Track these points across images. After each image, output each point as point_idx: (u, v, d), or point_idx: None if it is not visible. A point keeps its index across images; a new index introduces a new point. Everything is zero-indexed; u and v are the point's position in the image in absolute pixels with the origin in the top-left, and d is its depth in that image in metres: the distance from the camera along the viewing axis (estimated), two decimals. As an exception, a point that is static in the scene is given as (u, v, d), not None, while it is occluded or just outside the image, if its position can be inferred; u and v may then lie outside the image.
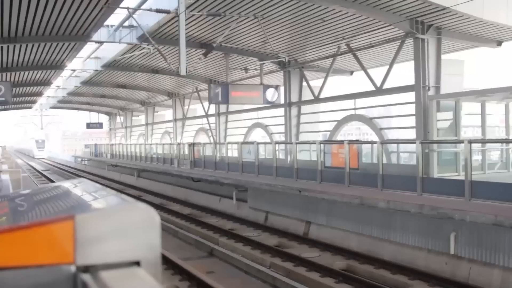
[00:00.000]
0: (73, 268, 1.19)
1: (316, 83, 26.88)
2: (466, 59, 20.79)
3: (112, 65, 30.18)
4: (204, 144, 30.27)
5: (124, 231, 1.24)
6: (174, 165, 31.35)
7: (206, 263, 13.87)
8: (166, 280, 11.58)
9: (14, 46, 22.61)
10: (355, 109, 24.65)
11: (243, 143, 26.43)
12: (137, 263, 1.24)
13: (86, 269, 1.20)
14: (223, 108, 34.38)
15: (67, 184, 2.05)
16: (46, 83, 35.44)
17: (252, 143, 24.87)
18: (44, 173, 45.83)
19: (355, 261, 13.01)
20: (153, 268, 1.25)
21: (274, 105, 24.93)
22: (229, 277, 12.30)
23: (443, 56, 19.00)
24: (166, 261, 13.36)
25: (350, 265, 12.82)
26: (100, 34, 23.22)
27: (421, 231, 12.48)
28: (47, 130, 75.97)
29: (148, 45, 21.68)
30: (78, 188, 1.90)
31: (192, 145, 30.03)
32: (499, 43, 20.58)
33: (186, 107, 40.51)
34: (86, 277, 1.19)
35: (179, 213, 21.75)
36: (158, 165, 34.04)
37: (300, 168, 19.63)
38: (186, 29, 18.98)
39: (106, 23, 22.10)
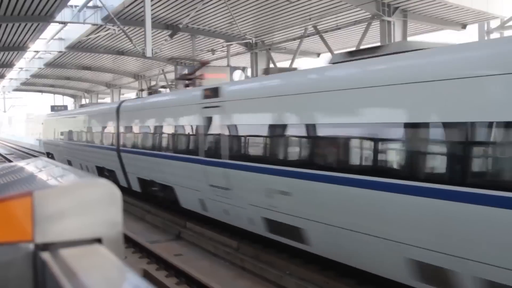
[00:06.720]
0: (31, 246, 1.16)
1: (283, 65, 26.90)
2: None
3: (76, 46, 29.66)
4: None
5: (85, 208, 1.21)
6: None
7: (174, 246, 13.85)
8: (134, 263, 11.53)
9: (-26, 27, 22.02)
10: (322, 91, 24.75)
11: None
12: (99, 240, 1.21)
13: (45, 247, 1.16)
14: (190, 90, 34.16)
15: (25, 163, 1.99)
16: (9, 65, 34.65)
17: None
18: (8, 157, 44.96)
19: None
20: (115, 245, 1.22)
21: (241, 87, 24.85)
22: (197, 259, 12.34)
23: (408, 39, 19.17)
24: (134, 244, 13.29)
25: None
26: (64, 14, 22.72)
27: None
28: (10, 113, 74.40)
29: (113, 26, 21.34)
30: (37, 166, 1.84)
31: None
32: (464, 26, 20.85)
33: (152, 90, 40.14)
34: (45, 255, 1.15)
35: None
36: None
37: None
38: (152, 10, 18.73)
39: (69, 3, 21.71)
